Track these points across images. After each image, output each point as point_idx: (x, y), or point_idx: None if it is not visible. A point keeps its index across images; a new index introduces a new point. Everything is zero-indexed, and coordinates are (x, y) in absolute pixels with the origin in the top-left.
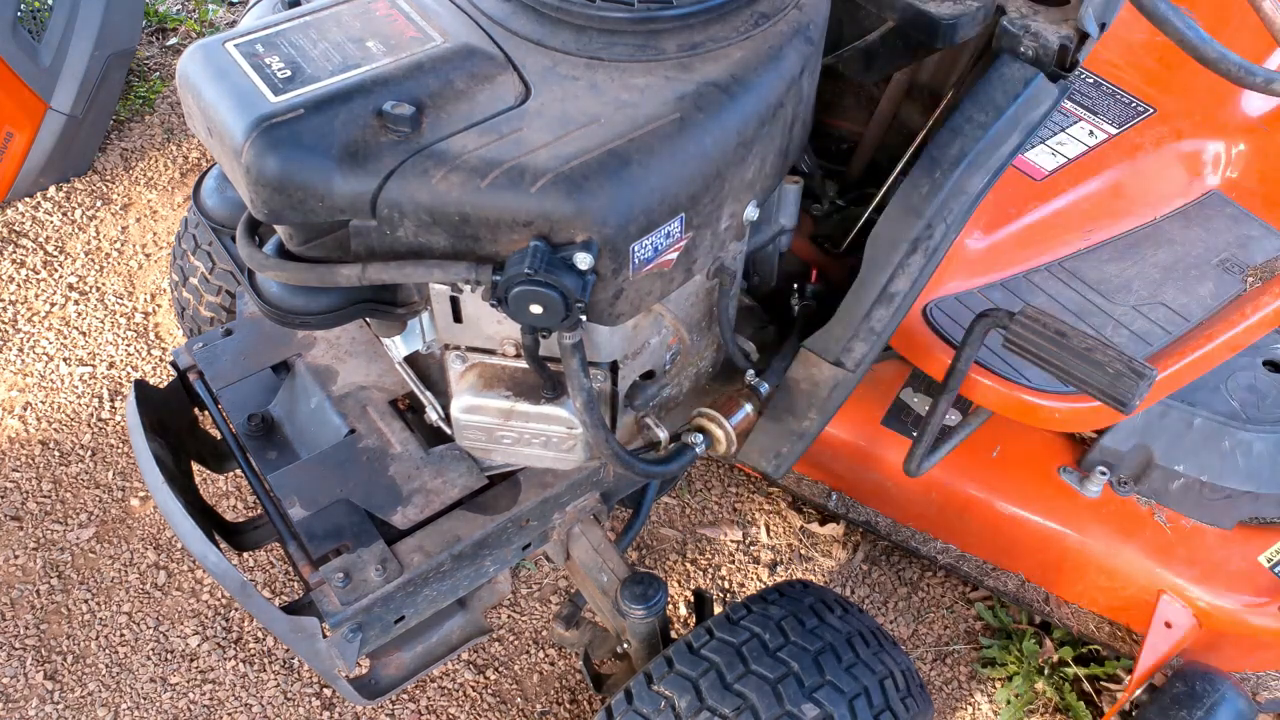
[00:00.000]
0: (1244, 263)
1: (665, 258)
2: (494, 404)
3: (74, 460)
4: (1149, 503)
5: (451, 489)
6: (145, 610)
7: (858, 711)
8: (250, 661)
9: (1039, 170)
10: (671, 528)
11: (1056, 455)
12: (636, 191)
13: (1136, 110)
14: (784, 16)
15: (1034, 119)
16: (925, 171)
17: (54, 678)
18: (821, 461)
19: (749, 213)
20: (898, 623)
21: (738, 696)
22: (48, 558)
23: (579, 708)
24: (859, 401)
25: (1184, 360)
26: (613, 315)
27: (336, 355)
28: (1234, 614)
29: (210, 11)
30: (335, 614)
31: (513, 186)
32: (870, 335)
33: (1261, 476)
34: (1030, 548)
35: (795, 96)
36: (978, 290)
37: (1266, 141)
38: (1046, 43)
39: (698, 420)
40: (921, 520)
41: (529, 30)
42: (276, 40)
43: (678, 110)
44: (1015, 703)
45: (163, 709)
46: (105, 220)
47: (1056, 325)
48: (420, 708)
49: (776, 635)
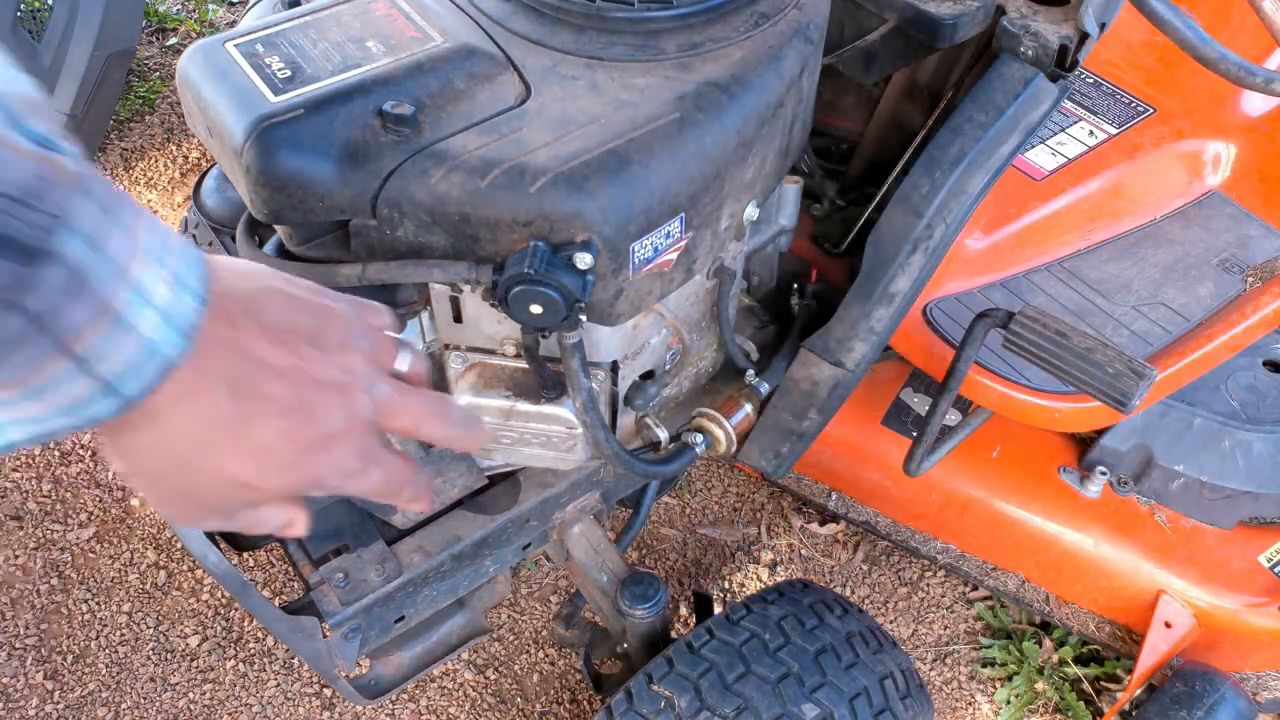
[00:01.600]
0: (1244, 263)
1: (665, 258)
2: (494, 404)
3: (74, 460)
4: (1149, 503)
5: (451, 489)
6: (145, 610)
7: (858, 711)
8: (250, 661)
9: (1039, 170)
10: (671, 528)
11: (1056, 455)
12: (636, 191)
13: (1136, 110)
14: (784, 16)
15: (1034, 119)
16: (925, 171)
17: (54, 677)
18: (821, 461)
19: (749, 213)
20: (898, 623)
21: (738, 696)
22: (48, 557)
23: (579, 708)
24: (859, 401)
25: (1184, 360)
26: (613, 315)
27: None
28: (1234, 614)
29: (210, 11)
30: (335, 614)
31: (512, 186)
32: (870, 335)
33: (1261, 476)
34: (1030, 548)
35: (795, 96)
36: (978, 290)
37: (1266, 141)
38: (1046, 43)
39: (698, 420)
40: (921, 520)
41: (529, 30)
42: (276, 40)
43: (678, 110)
44: (1015, 703)
45: (163, 709)
46: None
47: (1056, 325)
48: (420, 708)
49: (776, 635)
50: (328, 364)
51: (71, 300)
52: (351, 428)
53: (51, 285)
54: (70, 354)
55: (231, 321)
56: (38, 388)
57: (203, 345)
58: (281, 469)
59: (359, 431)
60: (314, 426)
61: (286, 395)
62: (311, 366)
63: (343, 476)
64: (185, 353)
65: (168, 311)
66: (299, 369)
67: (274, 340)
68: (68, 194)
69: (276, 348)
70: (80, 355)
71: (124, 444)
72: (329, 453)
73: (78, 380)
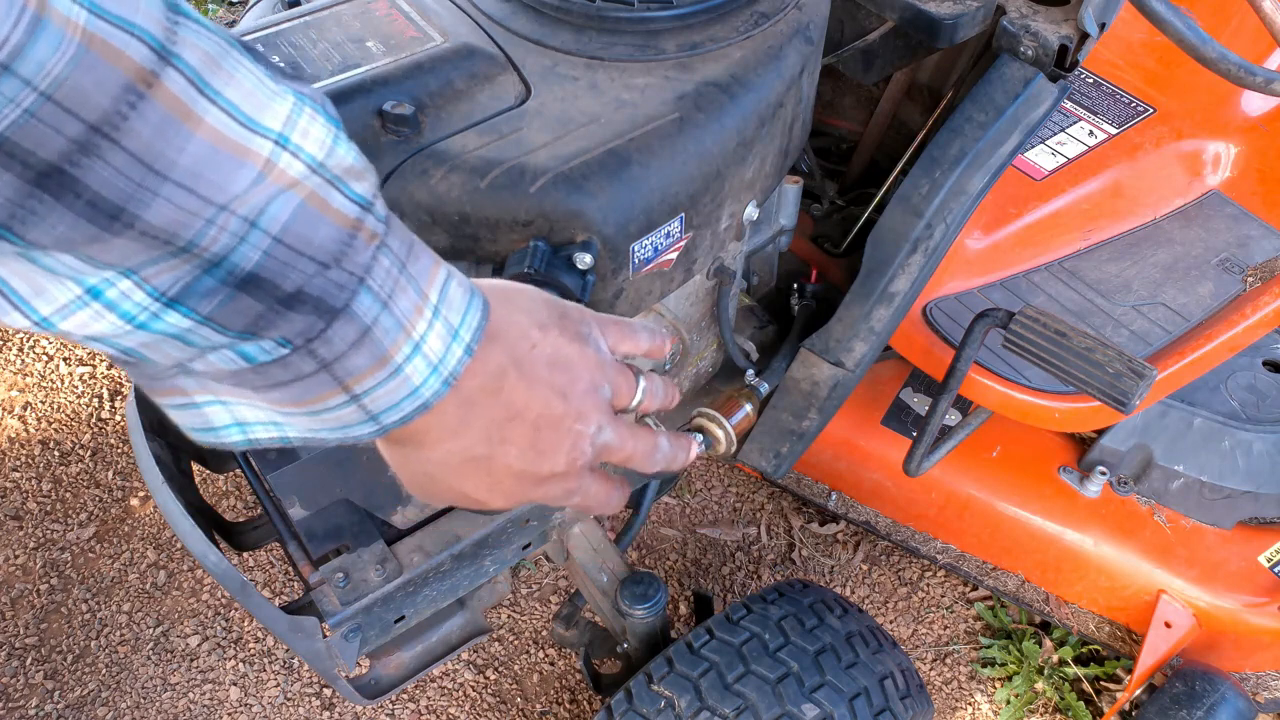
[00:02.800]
0: (1244, 263)
1: (665, 258)
2: None
3: (74, 460)
4: (1149, 503)
5: None
6: (145, 610)
7: (858, 711)
8: (250, 661)
9: (1039, 170)
10: (671, 528)
11: (1056, 455)
12: (636, 191)
13: (1136, 110)
14: (784, 16)
15: (1034, 119)
16: (925, 171)
17: (54, 677)
18: (821, 461)
19: (749, 213)
20: (898, 623)
21: (738, 696)
22: (48, 557)
23: (579, 708)
24: (859, 401)
25: (1184, 360)
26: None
27: None
28: (1234, 614)
29: (210, 11)
30: (335, 614)
31: (512, 186)
32: (870, 335)
33: (1261, 476)
34: (1030, 548)
35: (795, 96)
36: (978, 290)
37: (1266, 141)
38: (1046, 43)
39: (698, 420)
40: (921, 520)
41: (529, 30)
42: (276, 40)
43: (678, 110)
44: (1015, 703)
45: (163, 709)
46: None
47: (1056, 325)
48: (420, 708)
49: (776, 635)
50: (568, 414)
51: (357, 351)
52: (570, 470)
53: (343, 338)
54: (346, 390)
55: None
56: (315, 410)
57: (465, 390)
58: (506, 495)
59: (575, 473)
60: (541, 468)
61: (526, 443)
62: (554, 419)
63: (549, 502)
64: (443, 397)
65: (437, 364)
66: (543, 419)
67: (529, 387)
68: (373, 255)
69: (529, 396)
70: (354, 391)
71: (388, 446)
72: (547, 487)
73: (348, 408)
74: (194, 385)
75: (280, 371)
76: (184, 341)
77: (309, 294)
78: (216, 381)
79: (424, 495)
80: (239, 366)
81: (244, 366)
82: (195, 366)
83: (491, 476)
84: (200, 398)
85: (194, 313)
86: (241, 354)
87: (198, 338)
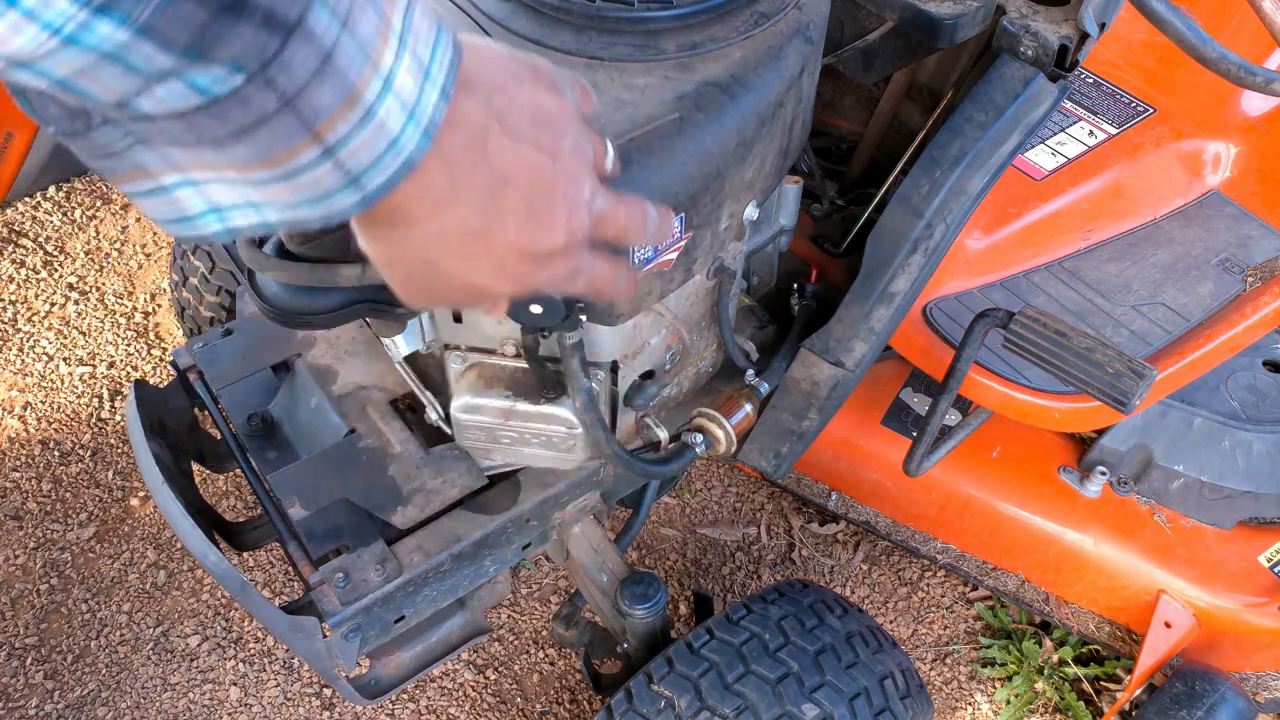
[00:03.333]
0: (1244, 263)
1: (665, 258)
2: (494, 404)
3: (74, 460)
4: (1149, 503)
5: (451, 489)
6: (145, 610)
7: (858, 711)
8: (250, 661)
9: (1039, 170)
10: (671, 528)
11: (1056, 455)
12: (636, 191)
13: (1136, 110)
14: (784, 16)
15: (1034, 119)
16: (925, 171)
17: (54, 677)
18: (821, 461)
19: (749, 213)
20: (898, 623)
21: (738, 696)
22: (48, 557)
23: (579, 708)
24: (859, 401)
25: (1184, 360)
26: (613, 315)
27: (336, 355)
28: (1234, 614)
29: None
30: (335, 614)
31: None
32: (870, 335)
33: (1261, 476)
34: (1030, 548)
35: (795, 96)
36: (978, 290)
37: (1266, 141)
38: (1046, 43)
39: (698, 420)
40: (921, 520)
41: (529, 30)
42: None
43: (677, 110)
44: (1015, 703)
45: (163, 709)
46: (105, 220)
47: (1056, 325)
48: (420, 708)
49: (776, 635)
50: (560, 177)
51: (319, 82)
52: (570, 244)
53: (302, 64)
54: (318, 138)
55: (475, 123)
56: (287, 170)
57: (448, 147)
58: (511, 279)
59: (575, 247)
60: (541, 242)
61: (524, 213)
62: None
63: (556, 285)
64: (427, 152)
65: (413, 107)
66: (536, 185)
67: (515, 145)
68: None
69: (518, 157)
70: (327, 141)
71: (376, 234)
72: (552, 266)
73: (323, 166)
74: (156, 161)
75: (240, 112)
76: (126, 66)
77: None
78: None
79: (426, 294)
80: (192, 103)
81: (199, 103)
82: (145, 106)
83: (493, 255)
84: (167, 178)
85: (127, 19)
86: (193, 85)
87: (139, 58)
